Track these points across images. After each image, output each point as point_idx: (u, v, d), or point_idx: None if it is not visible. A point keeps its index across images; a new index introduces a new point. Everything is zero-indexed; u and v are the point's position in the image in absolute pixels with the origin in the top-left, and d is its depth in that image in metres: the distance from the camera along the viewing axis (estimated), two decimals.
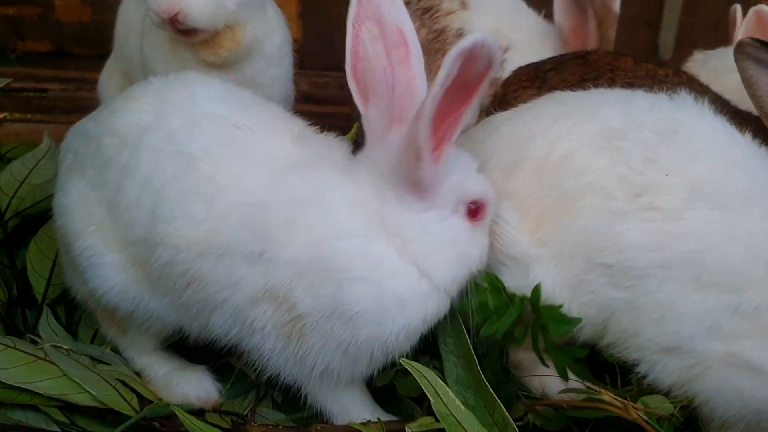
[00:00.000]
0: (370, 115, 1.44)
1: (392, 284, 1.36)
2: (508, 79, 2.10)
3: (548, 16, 2.52)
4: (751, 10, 2.41)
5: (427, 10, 2.41)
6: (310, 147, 1.45)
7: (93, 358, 1.59)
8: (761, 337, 1.31)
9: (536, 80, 1.99)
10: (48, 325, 1.65)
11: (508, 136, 1.60)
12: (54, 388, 1.47)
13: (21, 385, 1.45)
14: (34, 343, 1.57)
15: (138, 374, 1.61)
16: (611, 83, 1.85)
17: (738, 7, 2.53)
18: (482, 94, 1.59)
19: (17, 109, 2.88)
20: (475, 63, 1.25)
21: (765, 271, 1.30)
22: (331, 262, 1.34)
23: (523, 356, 1.67)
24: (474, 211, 1.45)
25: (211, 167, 1.36)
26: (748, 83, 1.70)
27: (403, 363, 1.40)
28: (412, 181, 1.37)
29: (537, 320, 1.47)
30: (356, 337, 1.37)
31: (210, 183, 1.36)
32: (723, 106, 1.84)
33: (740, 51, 1.71)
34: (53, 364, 1.49)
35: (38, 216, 1.90)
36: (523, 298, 1.47)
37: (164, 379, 1.60)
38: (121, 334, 1.61)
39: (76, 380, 1.47)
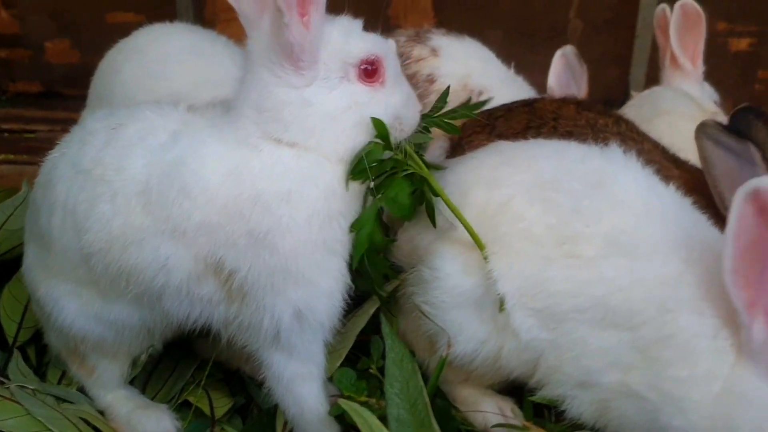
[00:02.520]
0: (243, 7, 1.45)
1: (272, 186, 1.42)
2: (464, 125, 2.19)
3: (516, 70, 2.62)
4: (676, 6, 2.51)
5: (398, 57, 2.49)
6: (179, 117, 1.53)
7: (58, 398, 1.68)
8: (646, 367, 1.41)
9: (487, 126, 2.08)
10: (17, 367, 1.75)
11: (452, 184, 1.69)
12: (18, 426, 1.54)
13: None
14: (1, 383, 1.66)
15: (102, 413, 1.71)
16: (553, 131, 1.94)
17: (665, 8, 2.63)
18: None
19: (3, 150, 2.97)
20: None
21: (657, 311, 1.41)
22: (228, 207, 1.42)
23: (469, 392, 1.76)
24: (370, 72, 1.47)
25: (101, 171, 1.48)
26: (705, 161, 1.83)
27: (341, 404, 1.48)
28: (286, 54, 1.40)
29: None
30: (281, 256, 1.43)
31: (105, 184, 1.48)
32: (662, 154, 1.95)
33: (701, 131, 1.83)
34: (18, 403, 1.58)
35: (14, 261, 1.99)
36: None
37: (126, 417, 1.70)
38: (89, 374, 1.72)
39: (40, 419, 1.55)
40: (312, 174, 1.45)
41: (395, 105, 1.51)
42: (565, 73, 2.60)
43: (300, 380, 1.57)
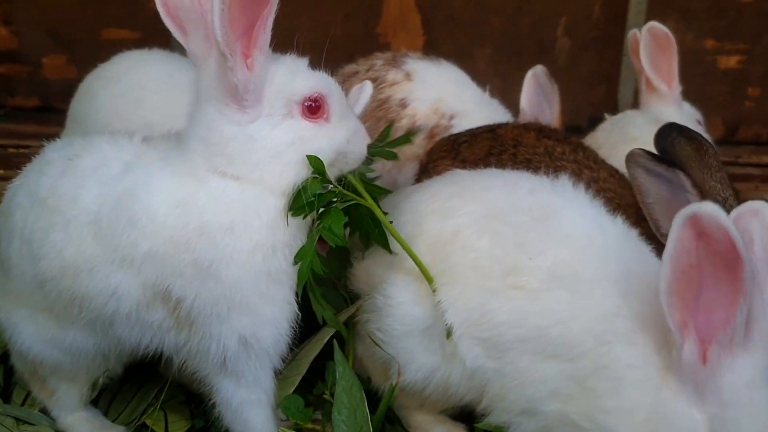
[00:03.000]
0: (191, 46, 1.50)
1: (217, 217, 1.47)
2: (431, 149, 2.23)
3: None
4: (644, 30, 2.52)
5: (373, 81, 2.52)
6: (132, 149, 1.58)
7: (19, 419, 1.73)
8: (583, 397, 1.44)
9: (452, 151, 2.11)
10: None
11: (408, 212, 1.73)
12: None
13: None
14: None
15: None
16: (513, 158, 1.97)
17: (636, 32, 2.64)
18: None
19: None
20: None
21: (594, 343, 1.43)
22: (175, 238, 1.46)
23: (422, 418, 1.79)
24: (314, 108, 1.51)
25: (55, 201, 1.53)
26: (638, 190, 1.86)
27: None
28: (231, 94, 1.45)
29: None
30: (225, 285, 1.47)
31: (59, 214, 1.52)
32: (618, 182, 1.97)
33: (631, 160, 1.86)
34: None
35: None
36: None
37: None
38: (49, 396, 1.77)
39: None
40: (255, 206, 1.49)
41: (339, 140, 1.55)
42: (536, 94, 2.61)
43: (249, 406, 1.61)
